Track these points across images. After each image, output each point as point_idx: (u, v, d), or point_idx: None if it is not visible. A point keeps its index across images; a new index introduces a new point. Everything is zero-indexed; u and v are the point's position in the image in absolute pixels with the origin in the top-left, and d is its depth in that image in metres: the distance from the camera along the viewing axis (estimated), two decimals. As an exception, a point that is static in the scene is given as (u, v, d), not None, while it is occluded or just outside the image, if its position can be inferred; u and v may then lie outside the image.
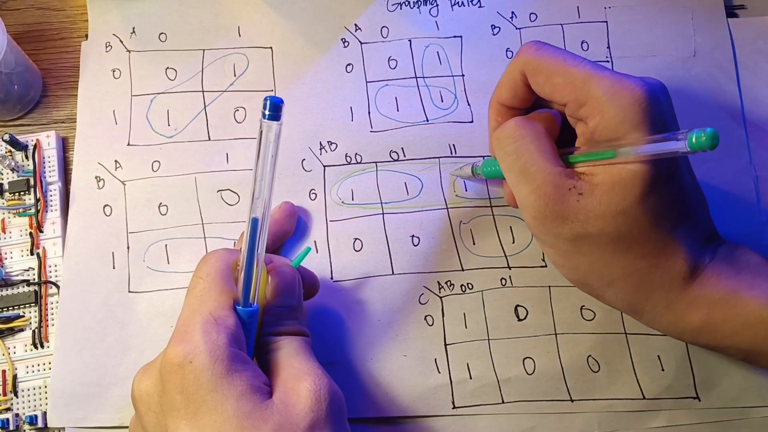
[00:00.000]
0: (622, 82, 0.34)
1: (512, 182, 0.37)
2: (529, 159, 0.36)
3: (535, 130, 0.37)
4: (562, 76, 0.36)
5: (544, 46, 0.37)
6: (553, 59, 0.36)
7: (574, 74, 0.35)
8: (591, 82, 0.35)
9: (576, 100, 0.35)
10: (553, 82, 0.36)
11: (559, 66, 0.36)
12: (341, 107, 0.47)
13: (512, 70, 0.38)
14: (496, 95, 0.40)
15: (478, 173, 0.43)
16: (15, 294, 0.43)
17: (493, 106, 0.41)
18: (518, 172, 0.37)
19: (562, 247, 0.36)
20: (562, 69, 0.36)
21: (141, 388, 0.33)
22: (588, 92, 0.35)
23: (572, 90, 0.35)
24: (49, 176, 0.45)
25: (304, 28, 0.48)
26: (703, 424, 0.41)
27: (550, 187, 0.35)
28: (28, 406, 0.41)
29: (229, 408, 0.30)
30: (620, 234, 0.34)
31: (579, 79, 0.35)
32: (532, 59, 0.37)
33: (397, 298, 0.43)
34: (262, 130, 0.32)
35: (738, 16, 0.49)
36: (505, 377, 0.42)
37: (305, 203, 0.45)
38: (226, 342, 0.31)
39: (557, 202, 0.35)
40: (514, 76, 0.38)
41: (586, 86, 0.35)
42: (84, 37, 0.49)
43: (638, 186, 0.34)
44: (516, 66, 0.38)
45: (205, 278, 0.34)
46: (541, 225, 0.36)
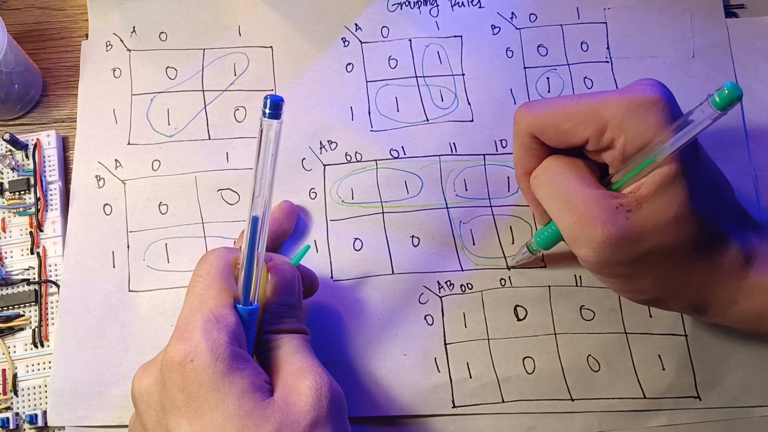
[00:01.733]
0: (629, 94, 0.34)
1: (556, 216, 0.36)
2: (569, 186, 0.35)
3: (571, 161, 0.37)
4: (569, 120, 0.35)
5: (534, 104, 0.37)
6: (551, 110, 0.36)
7: (579, 111, 0.35)
8: (599, 109, 0.34)
9: (594, 132, 0.35)
10: (564, 130, 0.36)
11: (560, 113, 0.35)
12: (341, 106, 0.47)
13: (520, 138, 0.38)
14: (519, 168, 0.39)
15: (535, 249, 0.41)
16: (15, 293, 0.43)
17: (521, 180, 0.40)
18: (561, 202, 0.35)
19: (623, 273, 0.35)
20: (564, 114, 0.35)
21: (141, 387, 0.33)
22: (602, 119, 0.34)
23: (586, 126, 0.35)
24: (50, 175, 0.45)
25: (304, 27, 0.48)
26: (704, 424, 0.41)
27: (596, 210, 0.34)
28: (28, 405, 0.41)
29: (230, 406, 0.30)
30: (677, 241, 0.34)
31: (586, 113, 0.35)
32: (531, 121, 0.36)
33: (397, 297, 0.43)
34: (262, 128, 0.32)
35: (737, 16, 0.49)
36: (505, 377, 0.42)
37: (305, 202, 0.45)
38: (226, 340, 0.31)
39: (607, 224, 0.33)
40: (526, 143, 0.38)
41: (597, 115, 0.34)
42: (84, 36, 0.49)
43: (683, 182, 0.33)
44: (522, 133, 0.38)
45: (205, 277, 0.34)
46: (597, 255, 0.34)
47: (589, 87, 0.47)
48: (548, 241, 0.40)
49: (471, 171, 0.45)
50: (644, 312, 0.43)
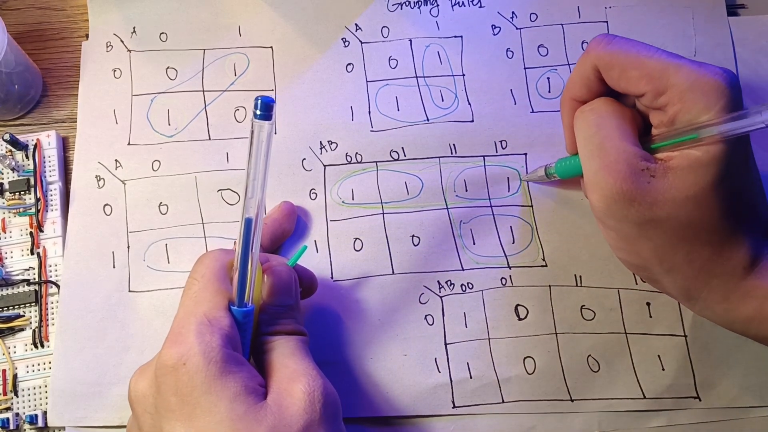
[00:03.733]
0: (701, 70, 0.34)
1: (586, 156, 0.36)
2: (608, 134, 0.36)
3: (621, 110, 0.37)
4: (638, 69, 0.35)
5: (614, 39, 0.37)
6: (626, 52, 0.36)
7: (651, 65, 0.35)
8: (669, 71, 0.34)
9: (654, 90, 0.35)
10: (628, 76, 0.36)
11: (633, 58, 0.35)
12: (342, 107, 0.47)
13: (584, 66, 0.38)
14: (569, 92, 0.39)
15: (552, 174, 0.42)
16: (15, 293, 0.43)
17: (566, 103, 0.40)
18: (595, 146, 0.36)
19: (625, 231, 0.36)
20: (636, 61, 0.35)
21: (137, 390, 0.33)
22: (667, 81, 0.34)
23: (649, 81, 0.35)
24: (50, 176, 0.45)
25: (304, 27, 0.48)
26: (704, 424, 0.41)
27: (623, 164, 0.34)
28: (29, 406, 0.41)
29: (222, 409, 0.30)
30: (689, 220, 0.34)
31: (656, 70, 0.35)
32: (603, 54, 0.36)
33: (398, 297, 0.43)
34: (253, 129, 0.32)
35: (739, 14, 0.49)
36: (505, 377, 0.42)
37: (305, 203, 0.45)
38: (220, 343, 0.31)
39: (627, 181, 0.34)
40: (587, 72, 0.38)
41: (665, 76, 0.34)
42: (84, 36, 0.49)
43: (715, 169, 0.33)
44: (587, 62, 0.37)
45: (200, 279, 0.34)
46: (608, 205, 0.35)
47: (590, 87, 0.47)
48: (567, 171, 0.41)
49: (471, 172, 0.45)
50: (644, 312, 0.43)
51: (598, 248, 0.44)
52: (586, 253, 0.44)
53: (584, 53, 0.38)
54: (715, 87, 0.33)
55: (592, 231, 0.44)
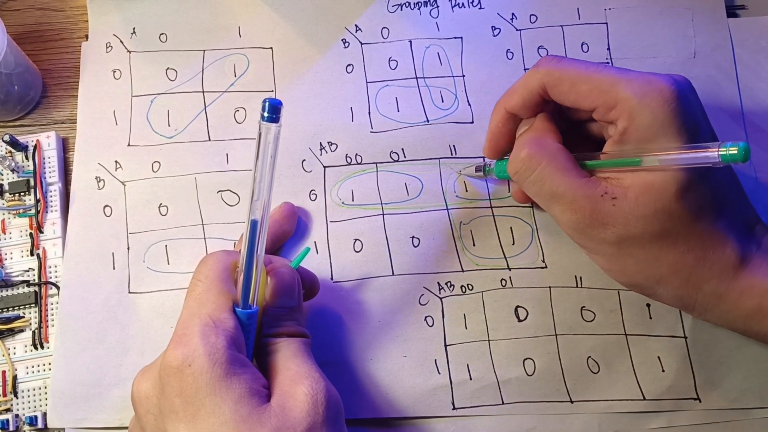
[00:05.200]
0: (651, 83, 0.34)
1: (544, 206, 0.38)
2: (554, 181, 0.36)
3: (549, 151, 0.37)
4: (587, 83, 0.36)
5: (564, 58, 0.37)
6: (576, 68, 0.36)
7: (600, 79, 0.35)
8: (619, 85, 0.35)
9: (604, 103, 0.35)
10: (577, 90, 0.36)
11: (582, 73, 0.36)
12: (341, 108, 0.47)
13: (530, 80, 0.38)
14: (506, 102, 0.40)
15: (490, 173, 0.43)
16: (15, 295, 0.43)
17: (498, 110, 0.41)
18: (547, 197, 0.37)
19: (607, 252, 0.37)
20: (586, 76, 0.36)
21: (140, 390, 0.33)
22: (617, 95, 0.35)
23: (599, 94, 0.35)
24: (50, 177, 0.45)
25: (304, 28, 0.48)
26: (704, 425, 0.41)
27: (582, 200, 0.35)
28: (28, 407, 0.41)
29: (226, 411, 0.30)
30: (664, 231, 0.35)
31: (605, 83, 0.35)
32: (554, 69, 0.37)
33: (397, 298, 0.43)
34: (261, 132, 0.32)
35: (739, 16, 0.49)
36: (505, 378, 0.42)
37: (305, 204, 0.45)
38: (224, 345, 0.31)
39: (594, 211, 0.35)
40: (531, 87, 0.38)
41: (614, 89, 0.35)
42: (84, 37, 0.49)
43: (671, 188, 0.34)
44: (535, 77, 0.38)
45: (204, 280, 0.34)
46: (583, 234, 0.36)
47: (590, 88, 0.47)
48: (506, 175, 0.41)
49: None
50: (644, 314, 0.43)
51: (598, 249, 0.44)
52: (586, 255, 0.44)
53: (532, 69, 0.38)
54: (662, 100, 0.34)
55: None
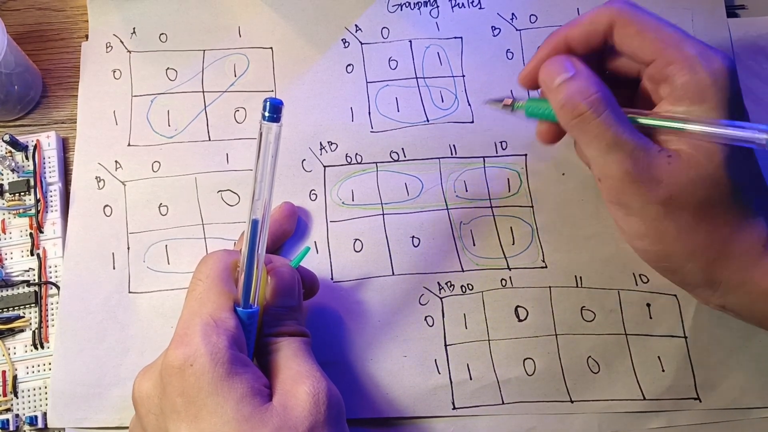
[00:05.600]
0: (712, 50, 0.35)
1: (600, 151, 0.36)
2: (619, 128, 0.36)
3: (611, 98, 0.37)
4: (656, 32, 0.36)
5: (638, 7, 0.37)
6: (647, 16, 0.37)
7: (668, 33, 0.36)
8: (684, 43, 0.35)
9: (666, 57, 0.35)
10: (644, 36, 0.36)
11: (652, 22, 0.36)
12: (341, 107, 0.47)
13: (599, 16, 0.37)
14: (568, 30, 0.38)
15: (519, 108, 0.40)
16: (15, 294, 0.43)
17: (556, 37, 0.39)
18: (604, 145, 0.36)
19: (651, 213, 0.36)
20: (656, 25, 0.36)
21: (141, 390, 0.33)
22: (681, 51, 0.35)
23: (664, 47, 0.36)
24: (50, 177, 0.45)
25: (304, 28, 0.48)
26: (704, 425, 0.41)
27: (641, 152, 0.35)
28: (28, 407, 0.41)
29: (228, 411, 0.30)
30: (708, 198, 0.35)
31: (673, 38, 0.36)
32: (627, 9, 0.37)
33: (398, 298, 0.43)
34: (261, 131, 0.32)
35: (739, 16, 0.49)
36: (505, 378, 0.42)
37: (305, 204, 0.45)
38: (226, 345, 0.31)
39: (652, 166, 0.35)
40: (599, 21, 0.37)
41: (680, 45, 0.35)
42: (84, 37, 0.49)
43: (718, 156, 0.34)
44: (605, 13, 0.37)
45: (205, 280, 0.34)
46: (633, 188, 0.35)
47: (590, 88, 0.47)
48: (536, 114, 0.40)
49: (471, 173, 0.45)
50: (644, 313, 0.43)
51: (598, 249, 0.44)
52: (586, 254, 0.44)
53: (605, 5, 0.38)
54: (722, 67, 0.35)
55: (592, 232, 0.44)
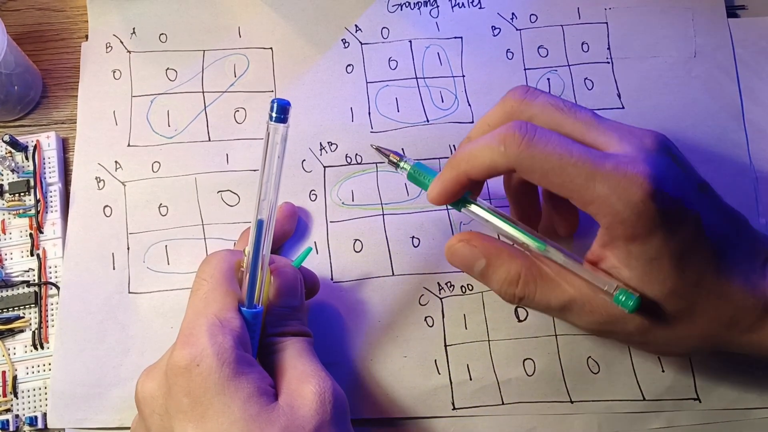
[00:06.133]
0: (626, 175, 0.31)
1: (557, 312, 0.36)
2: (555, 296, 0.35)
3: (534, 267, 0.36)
4: (560, 176, 0.32)
5: (534, 135, 0.33)
6: (548, 155, 0.32)
7: (574, 173, 0.32)
8: (594, 179, 0.32)
9: (580, 198, 0.33)
10: (550, 181, 0.33)
11: (555, 164, 0.32)
12: (341, 108, 0.47)
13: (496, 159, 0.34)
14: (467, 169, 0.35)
15: (402, 170, 0.39)
16: (15, 295, 0.43)
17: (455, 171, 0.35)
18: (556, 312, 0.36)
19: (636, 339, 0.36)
20: (559, 168, 0.32)
21: (145, 390, 0.33)
22: (593, 192, 0.32)
23: (573, 189, 0.32)
24: (49, 177, 0.45)
25: (304, 28, 0.48)
26: (704, 425, 0.41)
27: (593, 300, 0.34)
28: (28, 407, 0.41)
29: (236, 411, 0.30)
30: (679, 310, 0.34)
31: (580, 177, 0.32)
32: (524, 157, 0.33)
33: (398, 299, 0.43)
34: (268, 132, 0.32)
35: (739, 16, 0.49)
36: (505, 378, 0.42)
37: (305, 204, 0.45)
38: (232, 344, 0.31)
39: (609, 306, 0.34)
40: (498, 166, 0.34)
41: (589, 185, 0.32)
42: (84, 37, 0.49)
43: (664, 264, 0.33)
44: (502, 159, 0.33)
45: (209, 280, 0.34)
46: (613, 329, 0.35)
47: (590, 88, 0.47)
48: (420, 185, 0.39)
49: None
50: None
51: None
52: None
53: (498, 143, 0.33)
54: (641, 194, 0.31)
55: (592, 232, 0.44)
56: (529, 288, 0.36)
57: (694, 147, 0.45)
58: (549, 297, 0.36)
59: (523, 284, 0.36)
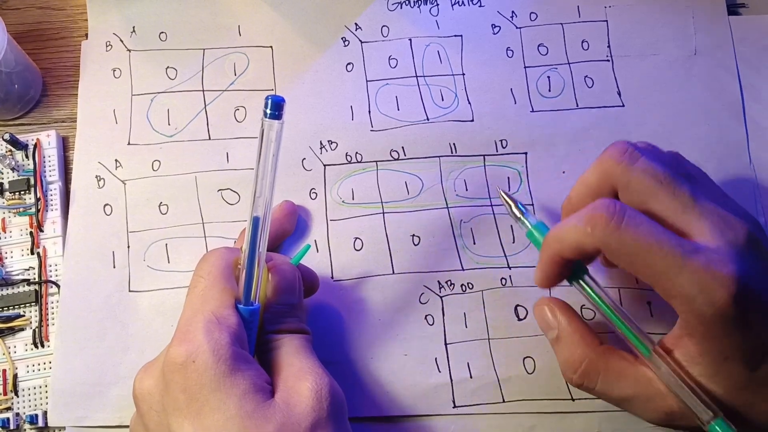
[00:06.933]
0: (714, 276, 0.31)
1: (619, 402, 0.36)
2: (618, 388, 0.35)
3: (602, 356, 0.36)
4: (646, 265, 0.32)
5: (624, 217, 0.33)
6: (636, 242, 0.32)
7: (661, 264, 0.32)
8: (681, 274, 0.31)
9: (663, 290, 0.32)
10: (635, 268, 0.33)
11: (642, 252, 0.32)
12: (341, 106, 0.47)
13: (584, 240, 0.34)
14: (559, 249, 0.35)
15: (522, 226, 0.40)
16: (15, 293, 0.43)
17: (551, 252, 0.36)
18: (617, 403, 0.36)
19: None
20: (646, 256, 0.32)
21: (143, 387, 0.33)
22: (677, 286, 0.32)
23: (658, 280, 0.32)
24: (50, 175, 0.45)
25: (304, 27, 0.48)
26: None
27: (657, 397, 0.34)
28: (29, 406, 0.41)
29: (232, 407, 0.30)
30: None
31: (667, 269, 0.32)
32: (611, 240, 0.33)
33: (398, 297, 0.43)
34: (263, 128, 0.32)
35: (740, 14, 0.49)
36: (505, 376, 0.42)
37: (305, 202, 0.45)
38: (228, 341, 0.31)
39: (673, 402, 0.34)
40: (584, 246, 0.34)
41: (675, 279, 0.32)
42: (84, 36, 0.49)
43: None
44: (588, 239, 0.33)
45: (206, 277, 0.34)
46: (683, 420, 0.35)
47: (590, 86, 0.47)
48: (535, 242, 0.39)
49: (471, 171, 0.45)
50: (645, 311, 0.43)
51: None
52: None
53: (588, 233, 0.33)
54: (725, 295, 0.31)
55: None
56: (590, 378, 0.36)
57: (694, 145, 0.45)
58: (611, 389, 0.36)
59: (582, 373, 0.36)
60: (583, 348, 0.36)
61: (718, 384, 0.33)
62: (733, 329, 0.32)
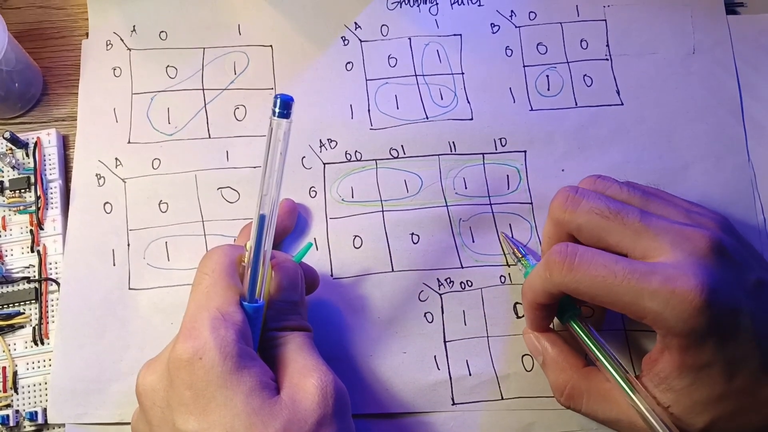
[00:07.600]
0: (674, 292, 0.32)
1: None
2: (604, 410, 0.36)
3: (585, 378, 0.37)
4: (608, 296, 0.33)
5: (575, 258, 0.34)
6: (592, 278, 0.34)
7: (621, 293, 0.33)
8: (643, 297, 0.32)
9: (633, 314, 0.34)
10: (601, 301, 0.34)
11: (599, 286, 0.33)
12: (341, 105, 0.47)
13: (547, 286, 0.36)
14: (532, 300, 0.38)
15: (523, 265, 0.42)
16: (15, 291, 0.43)
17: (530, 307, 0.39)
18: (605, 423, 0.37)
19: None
20: (604, 289, 0.33)
21: (146, 383, 0.33)
22: (643, 308, 0.33)
23: (624, 307, 0.34)
24: (50, 174, 0.45)
25: (304, 26, 0.48)
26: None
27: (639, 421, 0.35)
28: (29, 403, 0.41)
29: (238, 404, 0.30)
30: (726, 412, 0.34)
31: (628, 296, 0.33)
32: (568, 281, 0.34)
33: (397, 295, 0.43)
34: (272, 127, 0.32)
35: (738, 13, 0.49)
36: (504, 374, 0.42)
37: (305, 200, 0.45)
38: (234, 338, 0.31)
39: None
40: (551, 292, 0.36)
41: (638, 302, 0.33)
42: (85, 35, 0.49)
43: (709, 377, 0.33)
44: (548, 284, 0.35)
45: (211, 274, 0.34)
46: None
47: (589, 85, 0.47)
48: None
49: (470, 170, 0.45)
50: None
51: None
52: None
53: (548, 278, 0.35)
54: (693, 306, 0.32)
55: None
56: (575, 401, 0.38)
57: (692, 143, 0.46)
58: (596, 411, 0.37)
59: (567, 396, 0.38)
60: (567, 371, 0.38)
61: (699, 394, 0.34)
62: (706, 338, 0.32)
